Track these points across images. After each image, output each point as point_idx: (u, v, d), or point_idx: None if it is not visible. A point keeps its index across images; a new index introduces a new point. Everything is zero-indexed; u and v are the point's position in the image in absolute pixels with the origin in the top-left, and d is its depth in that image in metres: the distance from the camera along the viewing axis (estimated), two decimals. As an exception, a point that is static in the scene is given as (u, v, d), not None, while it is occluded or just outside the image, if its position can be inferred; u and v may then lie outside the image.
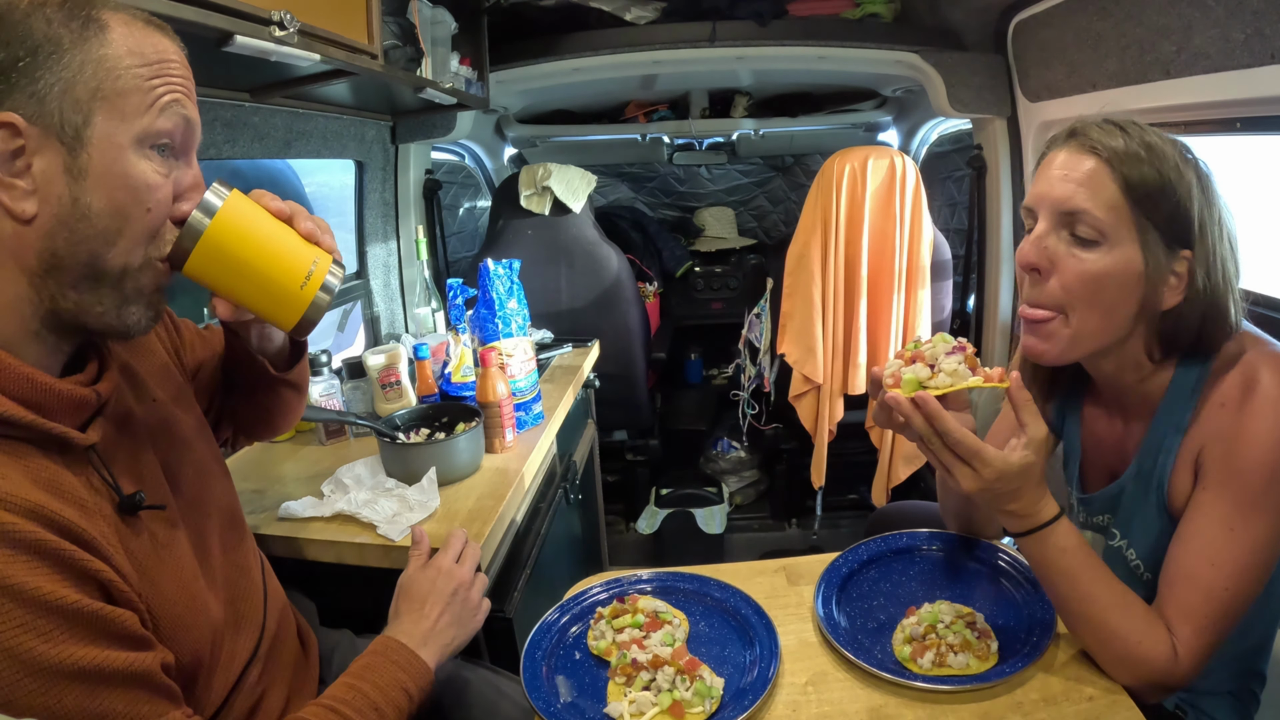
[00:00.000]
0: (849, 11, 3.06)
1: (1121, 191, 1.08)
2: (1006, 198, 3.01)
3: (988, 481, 1.06)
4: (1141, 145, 1.09)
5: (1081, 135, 1.13)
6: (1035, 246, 1.15)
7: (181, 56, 0.95)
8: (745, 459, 3.89)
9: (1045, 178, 1.15)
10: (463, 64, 2.59)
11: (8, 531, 0.74)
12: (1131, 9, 2.02)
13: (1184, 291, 1.11)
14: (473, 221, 4.15)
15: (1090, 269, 1.11)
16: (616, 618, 1.23)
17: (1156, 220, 1.08)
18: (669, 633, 1.19)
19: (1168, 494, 1.16)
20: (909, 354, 1.16)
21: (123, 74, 0.87)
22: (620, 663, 1.14)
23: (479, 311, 2.06)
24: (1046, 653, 1.12)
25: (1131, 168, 1.08)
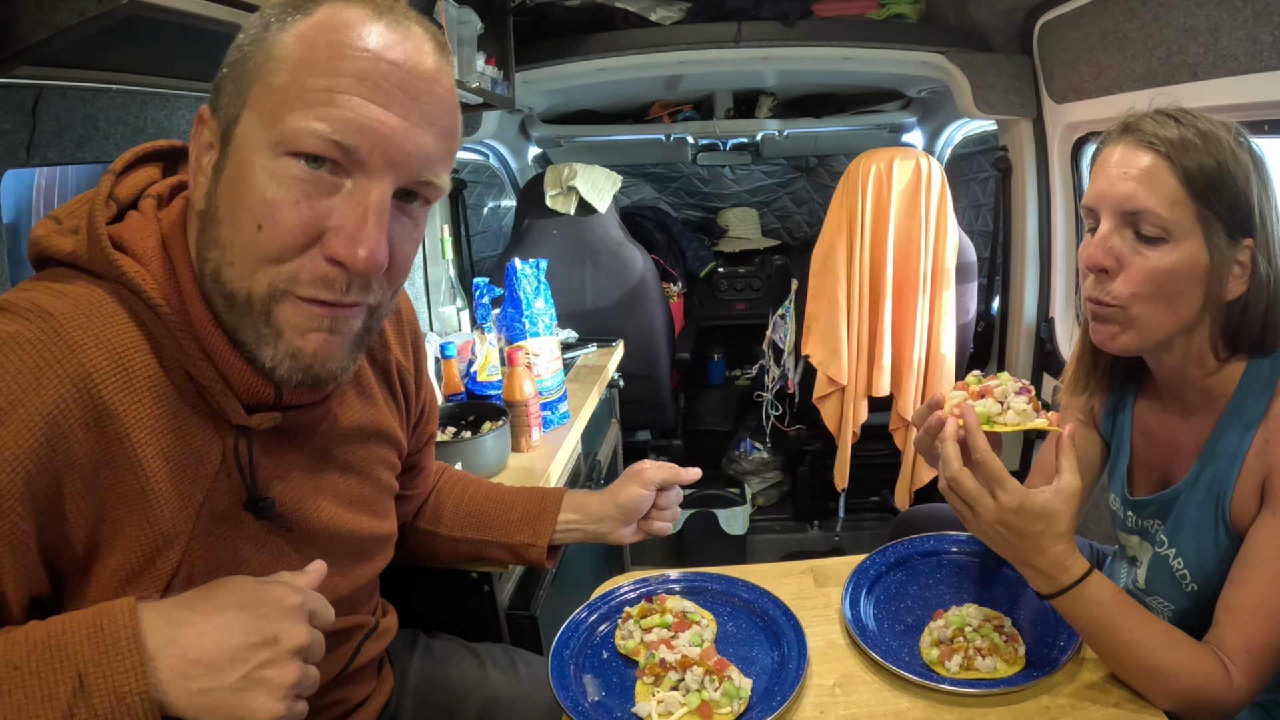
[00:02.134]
0: (874, 12, 3.05)
1: (1182, 185, 1.07)
2: (1032, 200, 2.99)
3: (1005, 511, 1.05)
4: (1196, 133, 1.07)
5: (1135, 129, 1.11)
6: (1101, 248, 1.13)
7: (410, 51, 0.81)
8: (768, 460, 3.88)
9: (1104, 175, 1.13)
10: (488, 64, 2.60)
11: None
12: (1159, 10, 2.00)
13: (1248, 280, 1.10)
14: (497, 221, 4.17)
15: (1156, 266, 1.09)
16: (644, 618, 1.23)
17: (1218, 210, 1.07)
18: (697, 633, 1.19)
19: (1230, 508, 1.14)
20: (976, 388, 1.16)
21: (280, 64, 0.78)
22: (649, 663, 1.15)
23: (506, 310, 2.07)
24: (1074, 658, 1.12)
25: (1189, 158, 1.06)
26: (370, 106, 0.78)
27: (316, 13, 0.80)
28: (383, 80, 0.79)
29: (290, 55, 0.78)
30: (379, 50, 0.79)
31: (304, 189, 0.78)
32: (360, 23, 0.79)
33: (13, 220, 1.49)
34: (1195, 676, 1.03)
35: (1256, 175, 1.08)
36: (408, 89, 0.80)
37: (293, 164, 0.78)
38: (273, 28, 0.80)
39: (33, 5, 1.03)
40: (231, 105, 0.81)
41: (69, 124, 1.42)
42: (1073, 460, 1.07)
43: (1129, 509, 1.32)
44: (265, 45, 0.79)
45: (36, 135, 1.35)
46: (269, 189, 0.78)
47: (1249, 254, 1.09)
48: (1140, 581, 1.29)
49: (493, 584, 1.53)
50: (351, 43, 0.78)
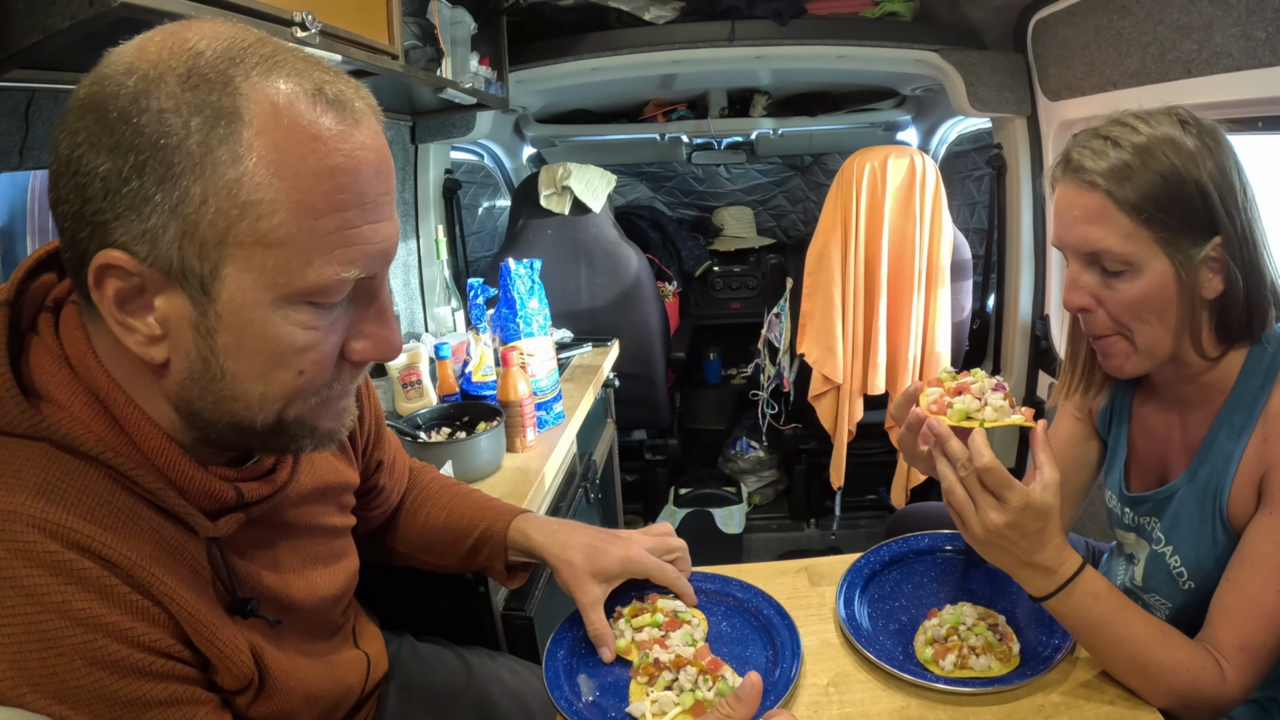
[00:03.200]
0: (868, 10, 3.05)
1: (1130, 217, 1.08)
2: (1026, 197, 3.00)
3: (1014, 511, 1.04)
4: (1134, 151, 1.08)
5: (1076, 167, 1.13)
6: (1075, 290, 1.17)
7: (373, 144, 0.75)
8: (764, 459, 3.88)
9: (1059, 219, 1.17)
10: (482, 64, 2.60)
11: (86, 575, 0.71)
12: (1152, 7, 2.01)
13: (1224, 275, 1.11)
14: (492, 221, 4.17)
15: (1129, 296, 1.12)
16: (635, 617, 1.23)
17: (1173, 226, 1.08)
18: (688, 632, 1.18)
19: (1226, 504, 1.14)
20: (951, 385, 1.16)
21: (264, 212, 0.69)
22: (642, 662, 1.15)
23: (500, 311, 2.07)
24: (1068, 656, 1.12)
25: (1132, 187, 1.07)
26: (376, 229, 0.76)
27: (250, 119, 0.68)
28: (373, 195, 0.75)
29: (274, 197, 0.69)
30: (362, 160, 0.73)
31: (327, 322, 0.77)
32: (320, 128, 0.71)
33: (6, 224, 1.49)
34: (1189, 673, 1.03)
35: (1211, 160, 1.08)
36: (386, 188, 0.77)
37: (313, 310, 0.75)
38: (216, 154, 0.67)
39: (24, 9, 1.03)
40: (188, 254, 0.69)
41: (61, 127, 1.42)
42: (1049, 454, 1.08)
43: (1125, 505, 1.33)
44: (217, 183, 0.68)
45: (30, 138, 1.35)
46: (298, 337, 0.75)
47: (1219, 249, 1.10)
48: (1138, 579, 1.30)
49: (488, 585, 1.53)
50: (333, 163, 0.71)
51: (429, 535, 1.36)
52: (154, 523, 0.80)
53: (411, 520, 1.38)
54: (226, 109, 0.67)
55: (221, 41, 0.70)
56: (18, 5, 1.03)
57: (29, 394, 0.75)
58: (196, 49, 0.69)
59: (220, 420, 0.79)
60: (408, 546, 1.38)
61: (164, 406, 0.80)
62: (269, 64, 0.71)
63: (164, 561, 0.79)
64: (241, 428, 0.79)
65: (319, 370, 0.78)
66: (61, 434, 0.74)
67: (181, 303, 0.72)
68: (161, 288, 0.72)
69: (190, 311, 0.72)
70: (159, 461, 0.80)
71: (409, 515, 1.39)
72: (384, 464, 1.31)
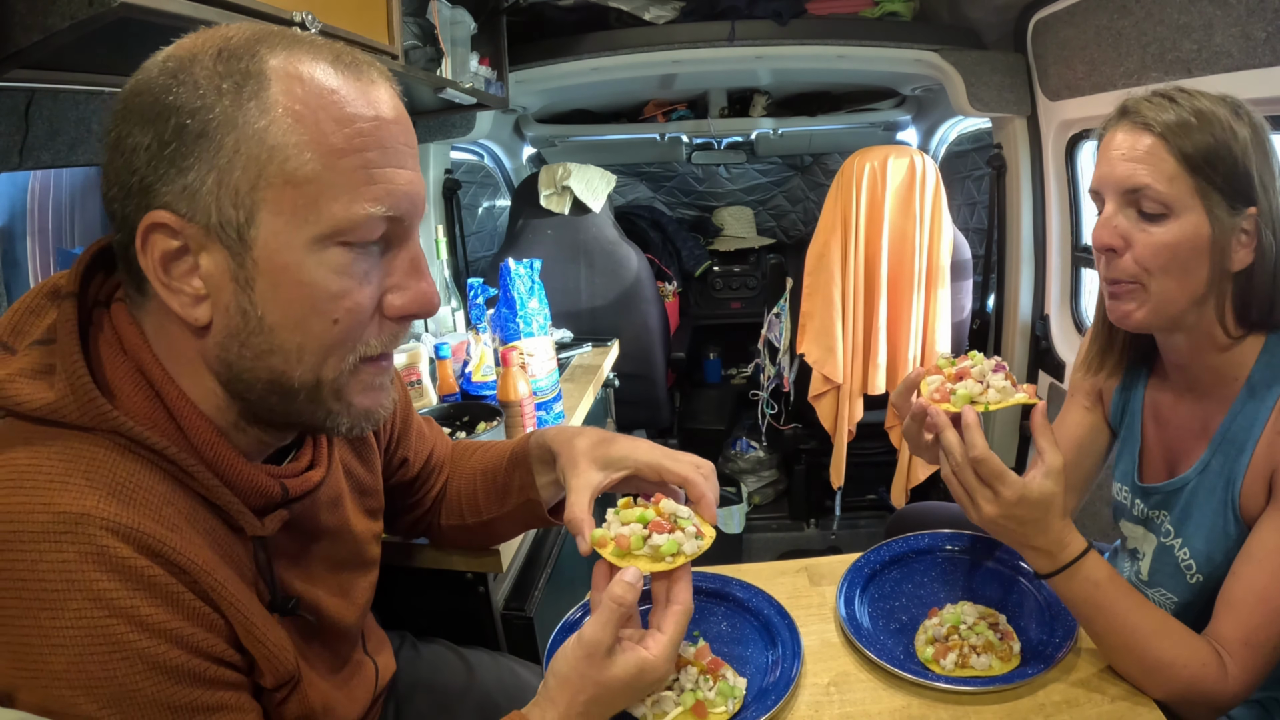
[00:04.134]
0: (868, 10, 3.05)
1: (1179, 162, 1.09)
2: (1026, 197, 2.99)
3: (1007, 505, 1.05)
4: (1192, 113, 1.10)
5: (1134, 113, 1.14)
6: (1106, 228, 1.16)
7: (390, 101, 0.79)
8: (764, 459, 3.88)
9: (1105, 159, 1.17)
10: (482, 64, 2.60)
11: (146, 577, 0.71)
12: (1152, 7, 2.01)
13: (1254, 249, 1.12)
14: (491, 221, 4.17)
15: (1160, 240, 1.12)
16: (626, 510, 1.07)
17: (1216, 183, 1.09)
18: (676, 541, 1.01)
19: (1239, 496, 1.14)
20: (951, 371, 1.16)
21: (291, 154, 0.73)
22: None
23: (500, 311, 2.07)
24: (1069, 654, 1.12)
25: (1185, 138, 1.09)
26: (399, 173, 0.78)
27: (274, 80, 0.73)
28: (394, 142, 0.78)
29: (299, 139, 0.73)
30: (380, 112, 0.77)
31: (361, 269, 0.78)
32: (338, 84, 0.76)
33: (6, 223, 1.49)
34: (1190, 667, 1.03)
35: (1256, 146, 1.10)
36: (407, 140, 0.81)
37: (340, 251, 0.76)
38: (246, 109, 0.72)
39: (24, 8, 1.03)
40: (225, 207, 0.73)
41: (62, 127, 1.42)
42: (1051, 438, 1.08)
43: (1137, 496, 1.32)
44: (247, 132, 0.72)
45: (29, 138, 1.35)
46: (333, 283, 0.77)
47: (1254, 222, 1.11)
48: (1143, 574, 1.30)
49: (487, 585, 1.53)
50: (352, 111, 0.75)
51: (474, 490, 1.33)
52: (209, 522, 0.82)
53: (455, 488, 1.36)
54: (254, 73, 0.73)
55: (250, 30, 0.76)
56: (18, 5, 1.03)
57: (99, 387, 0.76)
58: (226, 34, 0.75)
59: (260, 380, 0.80)
60: (457, 516, 1.35)
61: (208, 384, 0.82)
62: (291, 41, 0.76)
63: (220, 562, 0.80)
64: (281, 388, 0.80)
65: (354, 320, 0.79)
66: (130, 428, 0.76)
67: (221, 257, 0.75)
68: (203, 244, 0.75)
69: (229, 264, 0.75)
70: (210, 456, 0.81)
71: (453, 484, 1.37)
72: (409, 461, 1.30)
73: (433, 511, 1.37)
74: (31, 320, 0.83)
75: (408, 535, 1.43)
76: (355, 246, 0.77)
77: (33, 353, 0.79)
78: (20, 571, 0.67)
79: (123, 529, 0.71)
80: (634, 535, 1.01)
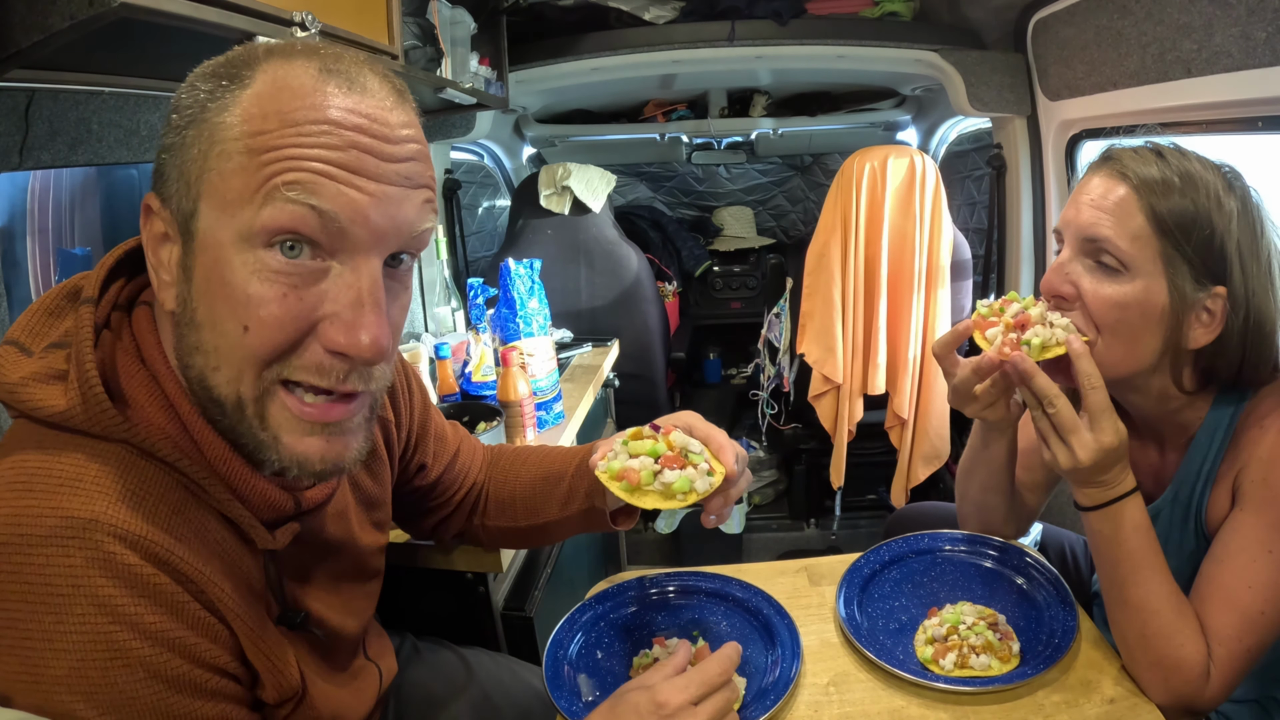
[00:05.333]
0: (868, 10, 3.05)
1: (1148, 221, 1.07)
2: (1026, 197, 2.99)
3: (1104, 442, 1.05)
4: (1178, 173, 1.07)
5: (1114, 160, 1.12)
6: (1059, 274, 1.14)
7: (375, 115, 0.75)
8: (764, 459, 3.88)
9: (1075, 203, 1.14)
10: (482, 64, 2.60)
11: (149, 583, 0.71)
12: (1152, 7, 2.01)
13: (1217, 330, 1.10)
14: (491, 221, 4.17)
15: (1113, 297, 1.10)
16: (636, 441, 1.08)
17: (1185, 252, 1.07)
18: (688, 478, 1.01)
19: (1206, 519, 1.15)
20: (1010, 320, 1.14)
21: (229, 147, 0.71)
22: (642, 662, 1.15)
23: (500, 311, 2.07)
24: (1068, 655, 1.12)
25: (1161, 198, 1.06)
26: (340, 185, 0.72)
27: (255, 80, 0.73)
28: (350, 148, 0.72)
29: (239, 136, 0.71)
30: (339, 119, 0.72)
31: (289, 281, 0.73)
32: (309, 86, 0.73)
33: (6, 223, 1.49)
34: (1184, 649, 1.03)
35: (1243, 222, 1.07)
36: (378, 153, 0.74)
37: (270, 256, 0.72)
38: (210, 108, 0.72)
39: (23, 8, 1.03)
40: (183, 197, 0.74)
41: (62, 127, 1.42)
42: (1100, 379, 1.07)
43: None
44: (206, 128, 0.72)
45: (29, 138, 1.35)
46: (250, 286, 0.72)
47: (1220, 303, 1.09)
48: None
49: (487, 585, 1.53)
50: (305, 115, 0.71)
51: (531, 495, 1.32)
52: (219, 534, 0.81)
53: (510, 492, 1.35)
54: (239, 78, 0.73)
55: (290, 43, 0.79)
56: (18, 5, 1.03)
57: (113, 396, 0.76)
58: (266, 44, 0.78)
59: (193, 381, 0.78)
60: (509, 518, 1.35)
61: None
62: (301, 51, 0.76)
63: (228, 574, 0.80)
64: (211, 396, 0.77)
65: (266, 334, 0.73)
66: (142, 439, 0.75)
67: (178, 245, 0.76)
68: (172, 232, 0.76)
69: (181, 252, 0.76)
70: (222, 469, 0.81)
71: (500, 485, 1.37)
72: (428, 466, 1.29)
73: (460, 513, 1.37)
74: (49, 322, 0.83)
75: (432, 537, 1.42)
76: (285, 254, 0.72)
77: (49, 356, 0.79)
78: (27, 575, 0.67)
79: (130, 536, 0.70)
80: (645, 470, 1.01)
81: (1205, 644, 1.04)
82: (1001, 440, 1.32)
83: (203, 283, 0.74)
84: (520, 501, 1.33)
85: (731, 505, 1.10)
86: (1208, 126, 1.97)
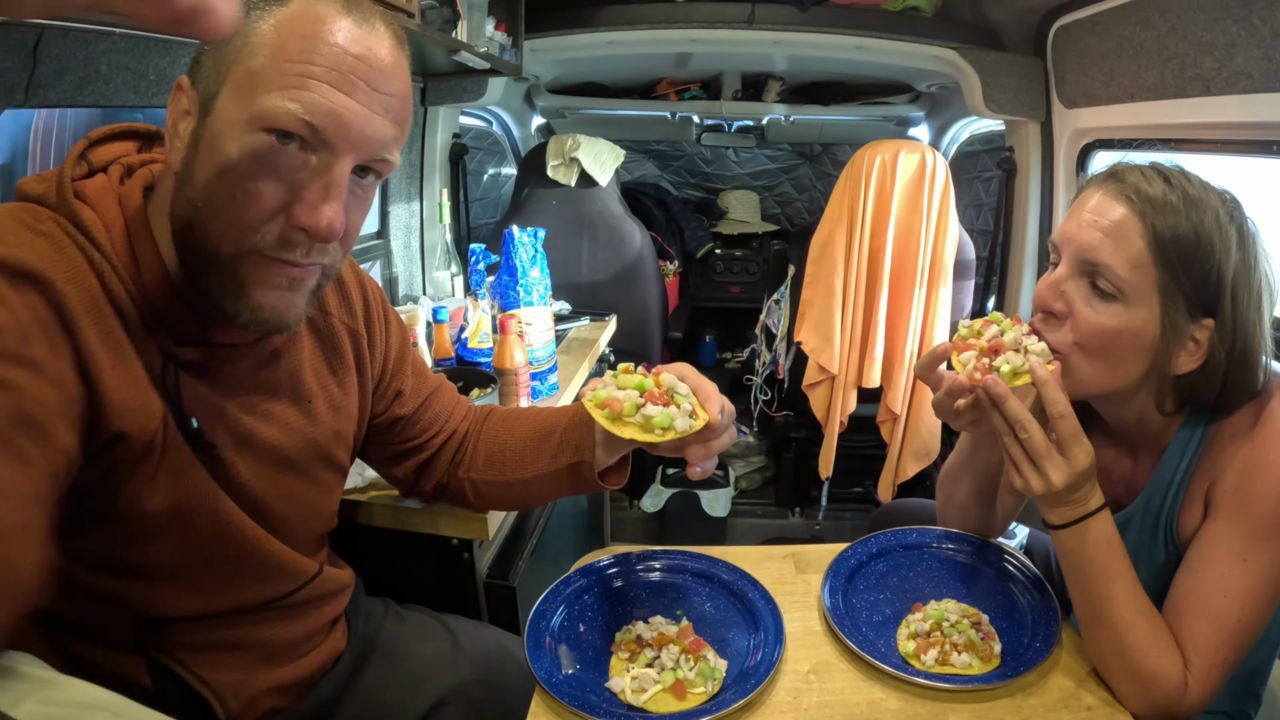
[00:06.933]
0: (890, 4, 3.03)
1: (1148, 247, 1.05)
2: (1035, 202, 2.99)
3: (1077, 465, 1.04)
4: (1182, 198, 1.05)
5: (1119, 178, 1.10)
6: (1053, 291, 1.12)
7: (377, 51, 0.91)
8: (754, 444, 3.88)
9: (1075, 218, 1.12)
10: (498, 29, 2.58)
11: None
12: (1176, 22, 2.00)
13: (1202, 359, 1.09)
14: (496, 188, 4.15)
15: (1103, 323, 1.08)
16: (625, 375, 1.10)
17: (1182, 284, 1.05)
18: (669, 414, 1.04)
19: (1177, 529, 1.15)
20: (982, 343, 1.13)
21: (258, 49, 0.87)
22: (625, 638, 1.15)
23: (501, 278, 2.06)
24: (1048, 660, 1.12)
25: (1165, 220, 1.05)
26: (336, 94, 0.88)
27: (292, 3, 0.88)
28: (349, 71, 0.89)
29: (268, 42, 0.87)
30: (346, 45, 0.89)
31: (274, 162, 0.88)
32: (331, 17, 0.88)
33: (7, 161, 1.47)
34: (1161, 661, 1.03)
35: (1240, 253, 1.06)
36: (369, 80, 0.90)
37: (265, 139, 0.87)
38: (253, 15, 0.88)
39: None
40: (211, 80, 0.89)
41: (70, 65, 1.40)
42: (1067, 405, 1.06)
43: None
44: (245, 30, 0.87)
45: (36, 75, 1.34)
46: (243, 162, 0.87)
47: (1207, 334, 1.08)
48: None
49: (473, 552, 1.53)
50: (323, 36, 0.88)
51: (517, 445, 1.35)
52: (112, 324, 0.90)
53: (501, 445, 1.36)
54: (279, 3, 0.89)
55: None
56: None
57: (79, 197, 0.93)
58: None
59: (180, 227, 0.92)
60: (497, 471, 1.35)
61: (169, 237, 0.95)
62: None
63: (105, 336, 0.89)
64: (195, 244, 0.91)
65: (246, 201, 0.88)
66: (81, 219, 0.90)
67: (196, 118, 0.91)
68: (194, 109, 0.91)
69: (196, 124, 0.91)
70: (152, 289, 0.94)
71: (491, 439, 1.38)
72: (404, 394, 1.33)
73: (440, 460, 1.37)
74: None
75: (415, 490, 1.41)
76: (276, 140, 0.87)
77: None
78: None
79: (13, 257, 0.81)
80: (628, 401, 1.04)
81: (1181, 654, 1.05)
82: (991, 449, 1.32)
83: (206, 150, 0.89)
84: (511, 455, 1.34)
85: (714, 457, 1.11)
86: (1222, 146, 1.96)
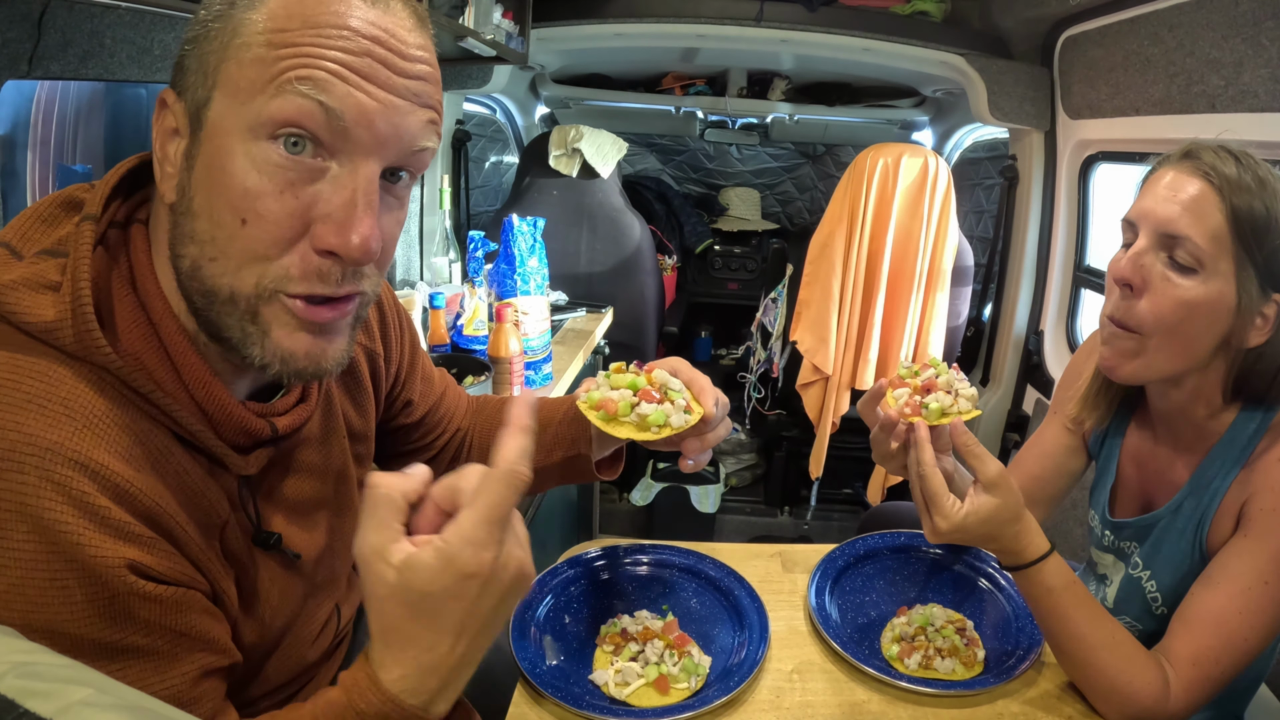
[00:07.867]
0: (899, 7, 3.04)
1: (1226, 221, 1.05)
2: (1035, 212, 2.99)
3: (944, 535, 1.06)
4: (1254, 178, 1.06)
5: (1195, 157, 1.10)
6: (1132, 263, 1.12)
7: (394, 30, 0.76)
8: (745, 442, 3.89)
9: (1151, 194, 1.12)
10: (505, 17, 2.57)
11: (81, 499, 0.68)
12: (1184, 38, 2.00)
13: (1269, 333, 1.10)
14: (497, 176, 4.14)
15: (1183, 296, 1.08)
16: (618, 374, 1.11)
17: (1255, 257, 1.06)
18: (663, 411, 1.04)
19: (1207, 536, 1.15)
20: (917, 383, 1.15)
21: (250, 39, 0.72)
22: (610, 631, 1.15)
23: (499, 266, 2.06)
24: (1030, 668, 1.13)
25: (1241, 198, 1.05)
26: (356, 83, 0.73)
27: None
28: (363, 57, 0.73)
29: (262, 30, 0.72)
30: (358, 27, 0.73)
31: (287, 176, 0.73)
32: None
33: (9, 132, 1.46)
34: (1133, 683, 1.04)
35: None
36: (391, 65, 0.75)
37: (273, 149, 0.72)
38: (239, 4, 0.73)
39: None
40: (199, 87, 0.74)
41: (74, 38, 1.40)
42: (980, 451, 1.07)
43: (1107, 529, 1.33)
44: (232, 22, 0.73)
45: (40, 47, 1.33)
46: (250, 178, 0.72)
47: (1274, 309, 1.09)
48: (1109, 600, 1.31)
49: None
50: (327, 19, 0.72)
51: None
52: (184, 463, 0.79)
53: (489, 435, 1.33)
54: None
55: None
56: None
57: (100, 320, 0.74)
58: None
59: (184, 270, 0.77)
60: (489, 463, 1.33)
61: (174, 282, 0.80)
62: None
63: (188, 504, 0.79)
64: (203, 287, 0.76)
65: (261, 227, 0.73)
66: (118, 367, 0.74)
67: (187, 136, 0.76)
68: (183, 126, 0.76)
69: (188, 142, 0.75)
70: (200, 393, 0.80)
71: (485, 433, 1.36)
72: (414, 404, 1.28)
73: (442, 459, 1.35)
74: (42, 229, 0.80)
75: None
76: (284, 147, 0.72)
77: (40, 263, 0.76)
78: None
79: (90, 465, 0.68)
80: (622, 401, 1.03)
81: (1155, 669, 1.05)
82: None
83: (203, 171, 0.74)
84: None
85: (709, 450, 1.10)
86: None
